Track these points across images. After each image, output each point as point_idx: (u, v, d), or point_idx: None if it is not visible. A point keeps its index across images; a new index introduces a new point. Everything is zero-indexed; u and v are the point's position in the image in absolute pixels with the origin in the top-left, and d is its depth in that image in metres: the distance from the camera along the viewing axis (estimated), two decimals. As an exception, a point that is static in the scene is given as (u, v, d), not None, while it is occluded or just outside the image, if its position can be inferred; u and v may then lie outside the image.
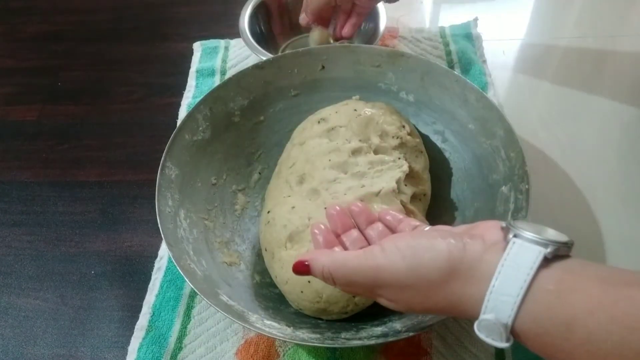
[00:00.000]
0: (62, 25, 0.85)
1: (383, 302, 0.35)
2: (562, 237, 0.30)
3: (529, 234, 0.29)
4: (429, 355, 0.48)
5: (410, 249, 0.32)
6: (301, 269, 0.37)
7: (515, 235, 0.30)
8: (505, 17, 0.81)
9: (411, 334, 0.41)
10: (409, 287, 0.32)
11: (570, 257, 0.30)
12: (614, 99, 0.66)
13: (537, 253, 0.29)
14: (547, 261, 0.29)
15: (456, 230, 0.35)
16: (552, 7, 0.84)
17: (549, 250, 0.28)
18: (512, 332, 0.29)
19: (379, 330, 0.44)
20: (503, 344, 0.29)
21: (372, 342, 0.41)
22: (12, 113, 0.74)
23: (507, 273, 0.29)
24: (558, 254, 0.29)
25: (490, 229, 0.33)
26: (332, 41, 0.70)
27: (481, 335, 0.30)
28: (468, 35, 0.75)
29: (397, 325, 0.44)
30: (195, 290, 0.42)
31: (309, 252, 0.38)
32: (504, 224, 0.32)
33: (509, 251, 0.29)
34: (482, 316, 0.29)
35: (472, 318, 0.31)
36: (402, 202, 0.47)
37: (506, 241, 0.30)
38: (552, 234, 0.30)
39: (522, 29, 0.80)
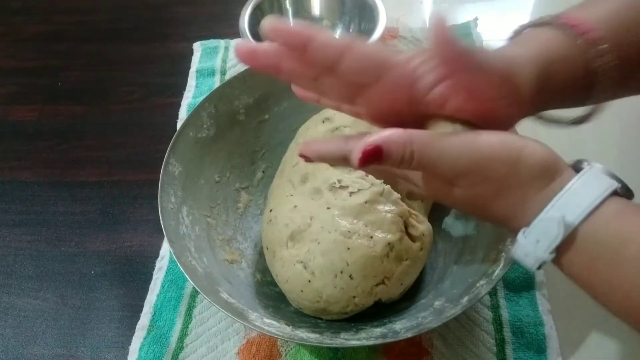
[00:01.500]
0: (62, 25, 0.85)
1: (456, 192, 0.32)
2: (629, 186, 0.31)
3: (602, 167, 0.31)
4: (430, 355, 0.48)
5: (510, 140, 0.31)
6: (371, 157, 0.30)
7: (590, 166, 0.31)
8: (505, 17, 0.81)
9: (410, 335, 0.41)
10: (495, 180, 0.31)
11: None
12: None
13: (610, 184, 0.29)
14: (614, 193, 0.29)
15: None
16: (552, 7, 0.84)
17: (620, 185, 0.30)
18: (563, 244, 0.29)
19: (378, 331, 0.44)
20: (546, 255, 0.29)
21: (371, 342, 0.41)
22: (12, 113, 0.74)
23: (583, 184, 0.29)
24: (624, 194, 0.30)
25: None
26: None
27: (525, 241, 0.30)
28: (468, 35, 0.75)
29: (397, 326, 0.44)
30: (195, 287, 0.42)
31: (376, 134, 0.31)
32: (573, 161, 0.32)
33: (587, 171, 0.30)
34: (543, 214, 0.29)
35: (518, 228, 0.31)
36: (406, 202, 0.47)
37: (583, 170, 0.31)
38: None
39: (522, 29, 0.80)
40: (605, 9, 0.35)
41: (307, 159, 0.34)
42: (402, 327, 0.43)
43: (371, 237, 0.44)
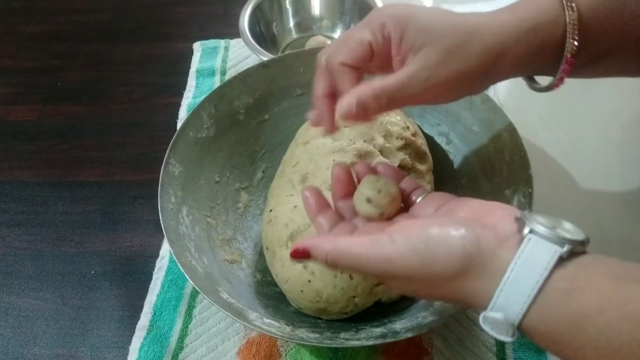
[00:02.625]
0: (62, 25, 0.85)
1: (389, 288, 0.35)
2: (579, 235, 0.29)
3: (544, 230, 0.28)
4: (430, 355, 0.48)
5: (422, 242, 0.31)
6: (300, 255, 0.35)
7: (530, 231, 0.29)
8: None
9: (410, 335, 0.41)
10: (418, 280, 0.32)
11: (586, 252, 0.29)
12: (614, 99, 0.66)
13: (553, 253, 0.28)
14: (561, 260, 0.28)
15: (467, 212, 0.34)
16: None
17: (565, 249, 0.28)
18: (519, 328, 0.29)
19: (378, 331, 0.44)
20: (507, 339, 0.29)
21: (371, 342, 0.41)
22: (12, 113, 0.74)
23: (519, 272, 0.28)
24: (574, 252, 0.28)
25: (504, 218, 0.31)
26: (330, 43, 0.70)
27: (486, 328, 0.30)
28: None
29: (397, 326, 0.44)
30: (195, 286, 0.42)
31: (309, 238, 0.36)
32: (518, 214, 0.30)
33: (523, 249, 0.28)
34: (489, 313, 0.29)
35: (478, 309, 0.31)
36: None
37: (521, 236, 0.29)
38: (569, 228, 0.29)
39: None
40: None
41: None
42: (402, 327, 0.43)
43: (371, 237, 0.44)
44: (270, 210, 0.49)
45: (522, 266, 0.28)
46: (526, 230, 0.29)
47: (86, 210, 0.62)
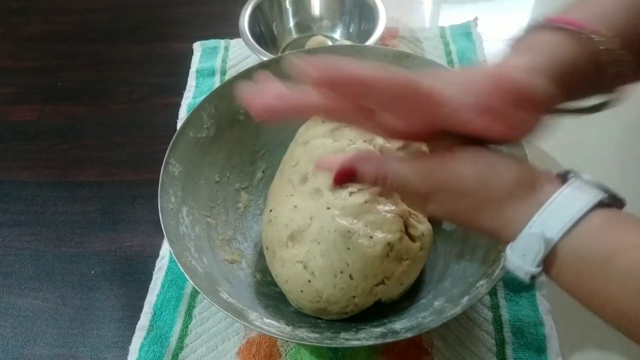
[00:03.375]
0: (62, 25, 0.85)
1: (430, 207, 0.33)
2: (618, 195, 0.30)
3: (589, 178, 0.30)
4: (430, 355, 0.48)
5: (483, 157, 0.32)
6: (345, 176, 0.33)
7: (575, 177, 0.30)
8: (505, 17, 0.81)
9: (410, 335, 0.41)
10: (468, 195, 0.32)
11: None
12: (614, 99, 0.66)
13: (596, 194, 0.29)
14: (600, 205, 0.29)
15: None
16: (552, 7, 0.84)
17: (606, 195, 0.29)
18: (548, 257, 0.29)
19: (378, 331, 0.44)
20: (533, 268, 0.29)
21: (371, 342, 0.41)
22: (12, 113, 0.74)
23: (564, 199, 0.29)
24: (612, 205, 0.29)
25: (549, 172, 0.32)
26: (330, 43, 0.70)
27: (513, 256, 0.30)
28: (468, 35, 0.75)
29: (397, 326, 0.44)
30: (195, 286, 0.42)
31: (355, 158, 0.34)
32: (561, 172, 0.32)
33: (570, 183, 0.30)
34: (526, 230, 0.30)
35: (507, 241, 0.31)
36: (406, 203, 0.47)
37: (566, 181, 0.31)
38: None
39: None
40: (594, 7, 0.35)
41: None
42: (402, 327, 0.43)
43: (371, 237, 0.44)
44: (270, 210, 0.49)
45: (567, 195, 0.29)
46: (571, 175, 0.31)
47: (86, 210, 0.62)
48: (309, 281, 0.45)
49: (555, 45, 0.33)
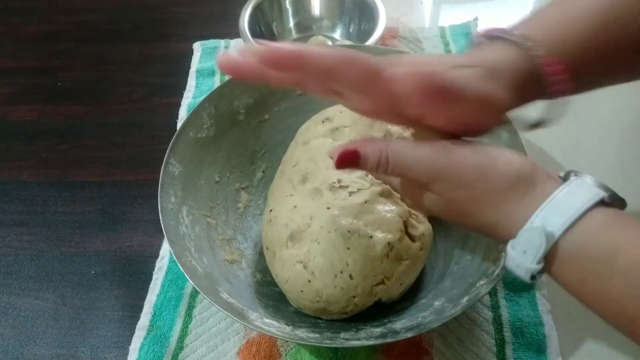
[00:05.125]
0: (62, 25, 0.85)
1: (428, 199, 0.34)
2: (620, 195, 0.30)
3: (590, 179, 0.30)
4: (430, 355, 0.48)
5: (483, 149, 0.32)
6: (349, 158, 0.33)
7: (576, 176, 0.31)
8: (505, 17, 0.81)
9: (410, 335, 0.41)
10: (468, 186, 0.32)
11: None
12: (614, 99, 0.66)
13: (597, 193, 0.29)
14: (602, 203, 0.29)
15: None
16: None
17: (608, 194, 0.29)
18: (549, 254, 0.29)
19: (378, 331, 0.44)
20: (534, 265, 0.29)
21: (371, 342, 0.41)
22: (12, 113, 0.74)
23: (565, 196, 0.29)
24: (613, 205, 0.30)
25: (552, 173, 0.33)
26: (330, 43, 0.70)
27: (513, 253, 0.30)
28: (468, 35, 0.75)
29: (397, 326, 0.44)
30: (195, 287, 0.42)
31: (358, 141, 0.34)
32: (562, 173, 0.32)
33: (571, 182, 0.30)
34: (527, 224, 0.30)
35: (505, 239, 0.31)
36: (406, 202, 0.47)
37: (566, 180, 0.31)
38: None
39: (522, 29, 0.80)
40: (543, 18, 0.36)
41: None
42: (402, 327, 0.43)
43: (371, 237, 0.44)
44: (270, 210, 0.49)
45: (568, 192, 0.30)
46: (573, 175, 0.31)
47: (86, 210, 0.62)
48: (309, 281, 0.45)
49: (495, 49, 0.34)
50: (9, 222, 0.62)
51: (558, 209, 0.29)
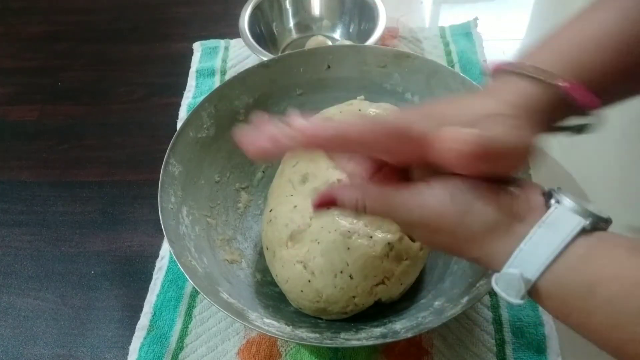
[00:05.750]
0: (62, 25, 0.85)
1: (415, 237, 0.34)
2: (602, 214, 0.30)
3: (571, 203, 0.29)
4: (430, 355, 0.48)
5: (460, 191, 0.31)
6: (325, 203, 0.34)
7: (557, 202, 0.30)
8: (505, 17, 0.81)
9: (410, 335, 0.41)
10: (446, 231, 0.31)
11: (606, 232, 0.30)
12: (614, 99, 0.66)
13: (577, 223, 0.29)
14: (583, 231, 0.29)
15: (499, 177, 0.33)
16: (552, 7, 0.84)
17: (588, 222, 0.29)
18: (531, 290, 0.29)
19: (378, 331, 0.44)
20: (517, 300, 0.29)
21: (371, 342, 0.41)
22: (12, 113, 0.74)
23: (542, 234, 0.29)
24: (596, 228, 0.29)
25: (533, 190, 0.32)
26: (330, 43, 0.70)
27: (497, 289, 0.30)
28: (468, 35, 0.75)
29: (397, 326, 0.44)
30: (195, 287, 0.42)
31: (337, 187, 0.35)
32: (546, 189, 0.31)
33: (548, 215, 0.29)
34: (505, 269, 0.29)
35: (492, 269, 0.31)
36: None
37: (548, 206, 0.30)
38: (593, 208, 0.30)
39: (522, 29, 0.80)
40: (566, 49, 0.35)
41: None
42: (402, 327, 0.43)
43: (371, 237, 0.44)
44: (270, 210, 0.49)
45: (546, 229, 0.29)
46: (553, 201, 0.30)
47: (86, 210, 0.62)
48: (309, 281, 0.45)
49: (512, 88, 0.33)
50: (9, 222, 0.62)
51: (533, 252, 0.29)
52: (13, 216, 0.62)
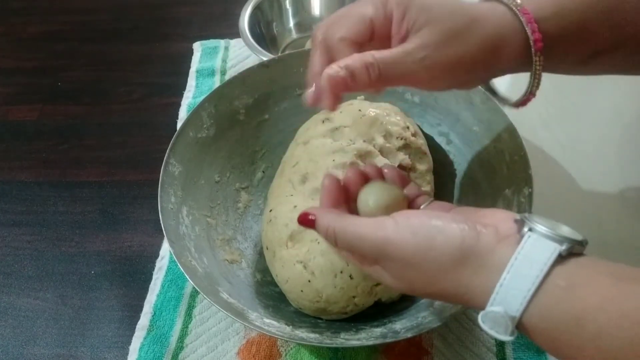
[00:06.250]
0: (62, 25, 0.85)
1: (385, 278, 0.34)
2: (577, 236, 0.29)
3: (544, 229, 0.29)
4: (430, 355, 0.48)
5: (423, 227, 0.31)
6: (306, 221, 0.37)
7: (530, 229, 0.29)
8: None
9: (410, 335, 0.41)
10: (414, 266, 0.32)
11: (584, 255, 0.29)
12: (613, 98, 0.66)
13: (552, 250, 0.28)
14: (560, 258, 0.28)
15: (468, 215, 0.34)
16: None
17: (564, 247, 0.28)
18: (519, 325, 0.29)
19: (378, 331, 0.44)
20: (507, 337, 0.29)
21: (371, 342, 0.42)
22: (12, 113, 0.74)
23: (519, 267, 0.28)
24: (572, 252, 0.29)
25: (504, 220, 0.32)
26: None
27: (485, 327, 0.29)
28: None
29: (397, 326, 0.44)
30: (195, 287, 0.42)
31: (317, 208, 0.38)
32: (518, 217, 0.31)
33: (523, 245, 0.29)
34: (489, 308, 0.29)
35: (477, 308, 0.31)
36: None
37: (520, 234, 0.30)
38: (567, 230, 0.30)
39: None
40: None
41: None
42: (402, 327, 0.43)
43: (371, 237, 0.44)
44: (270, 210, 0.49)
45: (522, 261, 0.28)
46: (526, 229, 0.30)
47: (86, 210, 0.62)
48: (309, 281, 0.45)
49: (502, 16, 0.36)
50: (9, 222, 0.62)
51: (514, 287, 0.28)
52: (13, 216, 0.62)
